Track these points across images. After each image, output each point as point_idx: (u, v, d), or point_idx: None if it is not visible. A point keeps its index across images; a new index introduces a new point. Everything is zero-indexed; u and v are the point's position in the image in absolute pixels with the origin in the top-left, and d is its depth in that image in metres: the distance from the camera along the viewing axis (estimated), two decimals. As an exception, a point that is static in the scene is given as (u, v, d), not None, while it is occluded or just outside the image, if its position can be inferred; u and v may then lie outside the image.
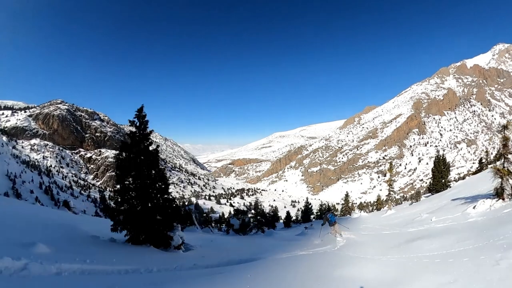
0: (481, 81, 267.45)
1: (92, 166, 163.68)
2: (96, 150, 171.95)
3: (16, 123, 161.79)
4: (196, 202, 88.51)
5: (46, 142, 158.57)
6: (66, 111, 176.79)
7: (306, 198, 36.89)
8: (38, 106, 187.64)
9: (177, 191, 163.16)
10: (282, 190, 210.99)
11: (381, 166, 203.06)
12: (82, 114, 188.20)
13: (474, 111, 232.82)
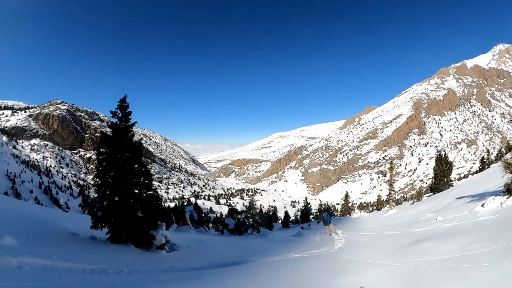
0: (481, 81, 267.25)
1: (91, 166, 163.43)
2: (95, 150, 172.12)
3: (16, 123, 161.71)
4: (195, 202, 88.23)
5: (46, 142, 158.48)
6: (66, 111, 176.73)
7: (305, 198, 36.52)
8: (38, 106, 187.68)
9: (176, 191, 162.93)
10: (282, 191, 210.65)
11: (381, 166, 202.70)
12: (82, 114, 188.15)
13: (474, 112, 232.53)
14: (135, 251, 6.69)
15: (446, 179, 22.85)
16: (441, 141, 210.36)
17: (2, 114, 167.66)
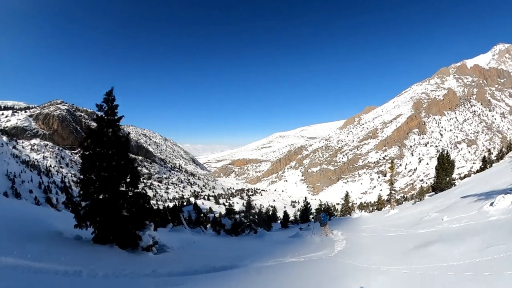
0: (481, 81, 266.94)
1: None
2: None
3: (16, 123, 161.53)
4: (194, 202, 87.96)
5: (46, 142, 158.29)
6: (66, 111, 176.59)
7: (305, 198, 36.28)
8: (38, 106, 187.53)
9: (176, 191, 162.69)
10: (282, 190, 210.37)
11: (381, 166, 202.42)
12: (82, 114, 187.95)
13: (475, 111, 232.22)
14: (119, 253, 6.35)
15: (448, 178, 22.49)
16: (441, 141, 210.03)
17: (2, 114, 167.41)
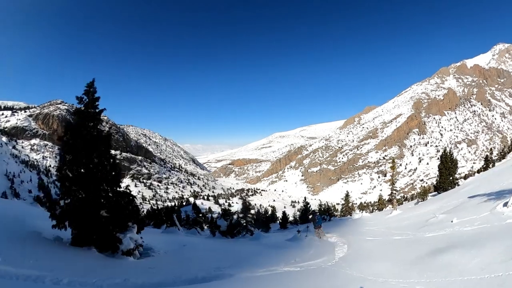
0: (481, 81, 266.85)
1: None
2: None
3: (16, 123, 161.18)
4: (194, 202, 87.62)
5: (46, 142, 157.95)
6: (66, 111, 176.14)
7: (304, 198, 35.86)
8: (38, 106, 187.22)
9: (176, 191, 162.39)
10: (282, 190, 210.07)
11: (381, 166, 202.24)
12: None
13: (475, 111, 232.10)
14: (96, 257, 5.87)
15: (451, 178, 22.04)
16: (441, 140, 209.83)
17: (2, 114, 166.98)
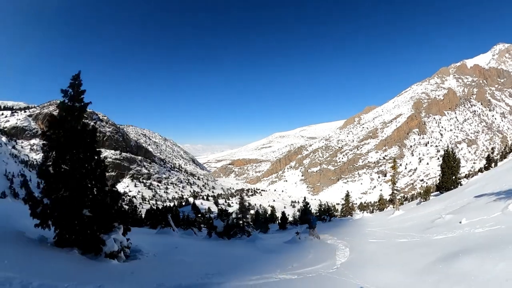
0: (481, 81, 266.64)
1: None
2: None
3: (16, 123, 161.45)
4: (193, 202, 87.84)
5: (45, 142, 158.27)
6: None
7: (304, 198, 36.00)
8: (38, 106, 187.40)
9: (176, 191, 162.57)
10: (282, 191, 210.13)
11: (381, 166, 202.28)
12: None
13: (475, 111, 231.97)
14: (76, 259, 5.47)
15: (454, 177, 21.91)
16: (441, 140, 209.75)
17: (2, 114, 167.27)
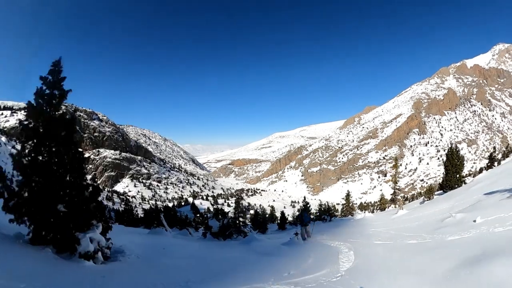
0: (481, 81, 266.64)
1: (90, 166, 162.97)
2: (94, 150, 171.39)
3: (15, 123, 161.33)
4: (192, 201, 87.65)
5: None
6: (65, 111, 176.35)
7: (304, 198, 35.79)
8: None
9: (175, 191, 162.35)
10: (282, 191, 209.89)
11: (381, 166, 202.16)
12: (81, 114, 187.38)
13: (475, 111, 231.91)
14: (46, 259, 5.04)
15: (458, 175, 21.54)
16: (441, 140, 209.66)
17: (1, 114, 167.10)
